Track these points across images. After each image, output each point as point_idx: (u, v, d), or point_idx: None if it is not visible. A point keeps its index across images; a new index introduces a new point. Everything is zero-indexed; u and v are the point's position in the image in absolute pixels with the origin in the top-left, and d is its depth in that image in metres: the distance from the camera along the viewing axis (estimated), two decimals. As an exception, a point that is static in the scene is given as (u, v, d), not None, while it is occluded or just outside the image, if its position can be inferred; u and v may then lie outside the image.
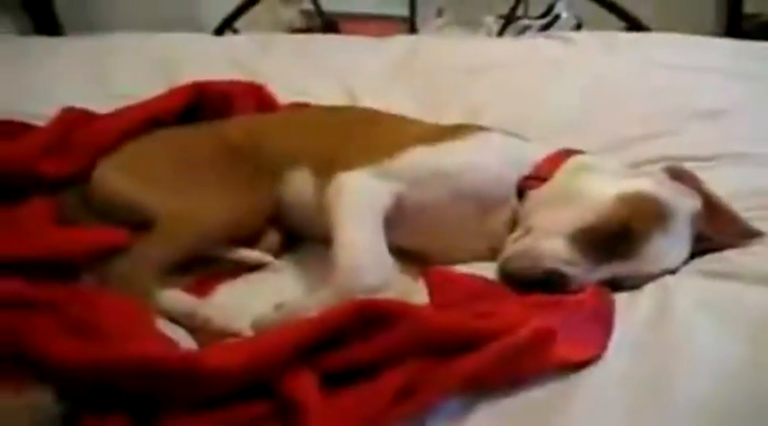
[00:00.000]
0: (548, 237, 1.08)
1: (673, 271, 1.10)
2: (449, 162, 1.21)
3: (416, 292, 1.11)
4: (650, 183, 1.15)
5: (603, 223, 1.08)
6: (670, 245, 1.11)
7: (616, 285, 1.07)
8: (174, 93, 1.55)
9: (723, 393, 0.83)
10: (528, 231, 1.12)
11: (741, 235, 1.16)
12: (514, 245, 1.10)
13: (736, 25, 3.32)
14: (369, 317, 0.88)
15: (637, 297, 1.03)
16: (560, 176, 1.20)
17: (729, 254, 1.14)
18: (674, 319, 0.94)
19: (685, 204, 1.14)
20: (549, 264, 1.05)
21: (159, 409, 0.82)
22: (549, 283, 1.03)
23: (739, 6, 3.29)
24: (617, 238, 1.07)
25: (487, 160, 1.23)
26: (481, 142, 1.26)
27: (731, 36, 3.16)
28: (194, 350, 0.97)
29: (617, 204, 1.09)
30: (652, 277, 1.08)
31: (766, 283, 1.01)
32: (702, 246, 1.16)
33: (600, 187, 1.13)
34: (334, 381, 0.86)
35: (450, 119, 1.59)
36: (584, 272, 1.06)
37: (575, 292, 1.03)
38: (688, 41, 2.03)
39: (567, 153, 1.26)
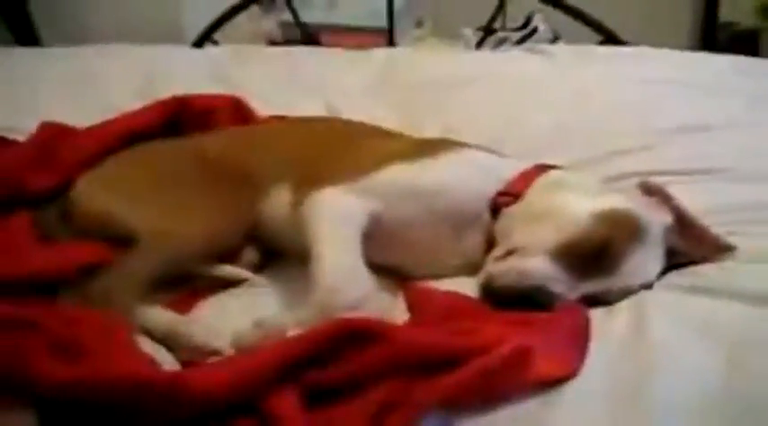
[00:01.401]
0: (530, 255, 1.10)
1: (648, 286, 1.12)
2: (424, 181, 1.23)
3: (395, 308, 1.12)
4: (623, 199, 1.17)
5: (583, 240, 1.10)
6: (646, 260, 1.13)
7: (596, 300, 1.09)
8: (154, 106, 1.55)
9: (699, 407, 0.85)
10: (509, 249, 1.13)
11: (713, 249, 1.19)
12: (498, 264, 1.12)
13: (711, 34, 3.37)
14: (350, 335, 0.89)
15: (612, 313, 1.05)
16: (534, 192, 1.22)
17: (702, 269, 1.16)
18: (650, 334, 0.96)
19: (658, 219, 1.16)
20: (535, 281, 1.06)
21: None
22: (534, 300, 1.05)
23: (714, 16, 3.34)
24: (597, 254, 1.09)
25: (462, 178, 1.24)
26: (457, 159, 1.27)
27: (706, 45, 3.22)
28: (178, 370, 0.97)
29: (594, 221, 1.11)
30: (630, 291, 1.10)
31: (739, 298, 1.03)
32: (674, 260, 1.18)
33: (575, 204, 1.15)
34: (316, 398, 0.87)
35: (429, 132, 1.60)
36: (568, 289, 1.08)
37: (551, 309, 1.04)
38: (665, 56, 2.06)
39: (541, 168, 1.28)
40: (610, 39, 2.29)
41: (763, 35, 3.30)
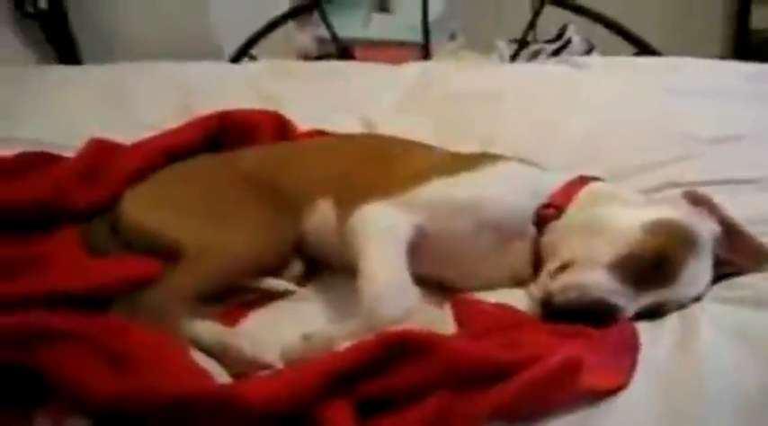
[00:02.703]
0: (587, 268, 1.10)
1: (699, 298, 1.12)
2: (468, 194, 1.24)
3: (441, 321, 1.13)
4: (673, 210, 1.17)
5: (639, 251, 1.10)
6: (699, 271, 1.14)
7: (652, 313, 1.09)
8: (197, 122, 1.58)
9: (747, 422, 0.85)
10: (563, 263, 1.13)
11: (759, 259, 1.19)
12: (556, 279, 1.12)
13: (744, 41, 3.35)
14: (400, 348, 0.90)
15: (660, 326, 1.05)
16: (579, 205, 1.22)
17: (749, 280, 1.16)
18: (699, 348, 0.96)
19: (707, 228, 1.16)
20: (596, 295, 1.06)
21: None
22: (596, 314, 1.05)
23: (746, 22, 3.32)
24: (654, 265, 1.09)
25: (505, 191, 1.25)
26: (499, 172, 1.28)
27: (738, 52, 3.20)
28: (231, 384, 0.98)
29: (647, 231, 1.12)
30: (685, 303, 1.10)
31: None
32: (721, 271, 1.18)
33: (626, 215, 1.16)
34: (367, 411, 0.88)
35: (465, 145, 1.61)
36: (627, 302, 1.08)
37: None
38: (698, 65, 2.05)
39: (583, 180, 1.28)
40: (643, 49, 2.28)
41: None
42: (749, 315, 1.04)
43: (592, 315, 1.05)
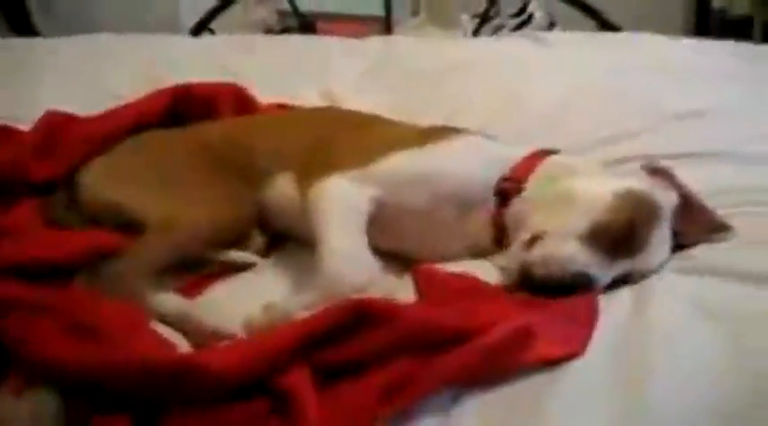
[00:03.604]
0: (560, 240, 1.11)
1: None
2: (427, 167, 1.25)
3: (401, 289, 1.14)
4: (636, 181, 1.19)
5: (611, 221, 1.12)
6: (664, 240, 1.16)
7: (621, 283, 1.11)
8: (157, 95, 1.57)
9: (702, 386, 0.86)
10: (536, 235, 1.14)
11: (713, 230, 1.21)
12: (531, 252, 1.12)
13: (705, 21, 3.38)
14: (358, 316, 0.91)
15: (613, 295, 1.07)
16: (539, 178, 1.24)
17: (701, 250, 1.18)
18: (652, 315, 0.98)
19: (666, 199, 1.19)
20: (576, 267, 1.08)
21: (160, 410, 0.85)
22: (575, 286, 1.06)
23: (707, 2, 3.35)
24: (625, 235, 1.11)
25: (466, 164, 1.26)
26: (459, 146, 1.30)
27: (700, 31, 3.23)
28: (191, 353, 0.99)
29: (617, 202, 1.14)
30: (651, 272, 1.13)
31: (740, 278, 1.05)
32: (674, 242, 1.20)
33: (594, 187, 1.18)
34: (326, 377, 0.89)
35: (427, 119, 1.62)
36: (602, 273, 1.10)
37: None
38: (661, 41, 2.07)
39: (542, 153, 1.30)
40: (605, 25, 2.31)
41: (756, 21, 3.32)
42: (703, 285, 1.06)
43: (571, 287, 1.06)
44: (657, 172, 1.23)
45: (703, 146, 1.52)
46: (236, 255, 1.30)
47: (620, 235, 1.11)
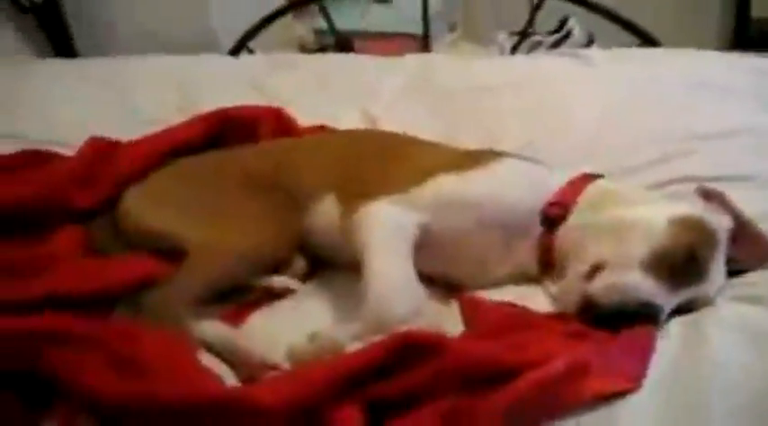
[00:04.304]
0: (623, 269, 1.09)
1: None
2: (473, 192, 1.23)
3: (448, 320, 1.13)
4: (690, 206, 1.17)
5: (671, 248, 1.10)
6: (721, 266, 1.14)
7: (683, 311, 1.08)
8: (197, 120, 1.57)
9: (758, 420, 0.85)
10: (596, 265, 1.12)
11: (766, 255, 1.19)
12: (594, 282, 1.10)
13: (744, 30, 3.34)
14: (408, 349, 0.90)
15: (667, 326, 1.04)
16: (585, 203, 1.22)
17: (755, 278, 1.16)
18: (707, 347, 0.96)
19: (721, 224, 1.17)
20: (641, 297, 1.06)
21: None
22: (641, 316, 1.04)
23: (746, 11, 3.31)
24: (685, 262, 1.09)
25: (511, 189, 1.25)
26: (504, 170, 1.28)
27: (739, 41, 3.19)
28: (241, 387, 0.98)
29: (675, 229, 1.12)
30: (711, 299, 1.10)
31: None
32: (728, 267, 1.17)
33: (649, 213, 1.15)
34: (375, 413, 0.87)
35: (466, 138, 1.60)
36: (666, 301, 1.07)
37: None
38: (702, 57, 2.04)
39: (587, 178, 1.28)
40: (645, 40, 2.27)
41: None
42: (758, 314, 1.04)
43: (636, 317, 1.03)
44: (710, 195, 1.21)
45: (746, 169, 1.49)
46: (277, 280, 1.29)
47: (682, 263, 1.09)
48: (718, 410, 0.85)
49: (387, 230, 1.18)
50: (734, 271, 1.18)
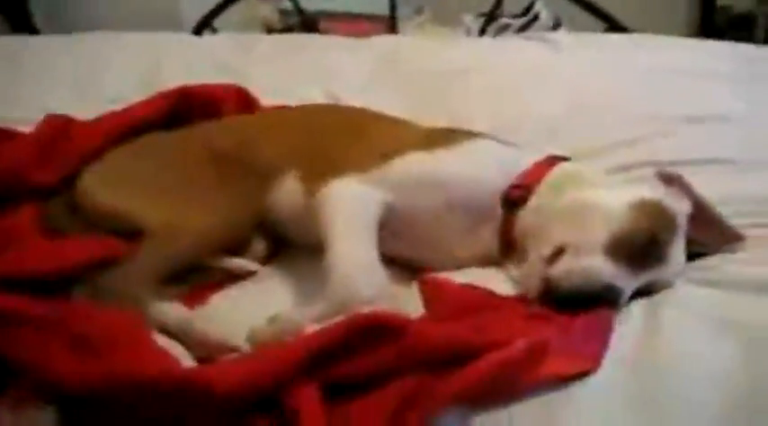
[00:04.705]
0: (586, 253, 1.09)
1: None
2: (440, 172, 1.22)
3: (409, 301, 1.11)
4: (650, 190, 1.17)
5: (632, 232, 1.10)
6: (681, 250, 1.14)
7: (642, 295, 1.09)
8: (158, 97, 1.54)
9: (717, 401, 0.85)
10: (558, 248, 1.12)
11: (726, 240, 1.20)
12: (556, 266, 1.10)
13: (709, 18, 3.38)
14: (368, 331, 0.89)
15: (628, 310, 1.04)
16: (548, 186, 1.22)
17: (714, 261, 1.17)
18: (665, 329, 0.96)
19: (681, 208, 1.17)
20: (604, 280, 1.05)
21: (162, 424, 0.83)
22: (602, 299, 1.04)
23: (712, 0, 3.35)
24: (646, 246, 1.09)
25: (478, 169, 1.24)
26: (471, 150, 1.27)
27: (705, 28, 3.23)
28: (196, 368, 0.96)
29: (635, 213, 1.11)
30: (670, 283, 1.11)
31: (753, 290, 1.04)
32: (687, 251, 1.18)
33: (610, 197, 1.15)
34: (334, 393, 0.87)
35: (432, 121, 1.59)
36: (627, 284, 1.07)
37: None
38: (667, 43, 2.05)
39: (552, 160, 1.28)
40: (612, 25, 2.28)
41: (759, 18, 3.32)
42: (717, 297, 1.04)
43: (597, 300, 1.03)
44: (671, 179, 1.21)
45: (712, 153, 1.49)
46: (237, 262, 1.27)
47: (642, 246, 1.09)
48: (677, 391, 0.86)
49: (351, 209, 1.16)
50: (693, 254, 1.18)
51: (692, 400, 0.85)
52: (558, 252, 1.11)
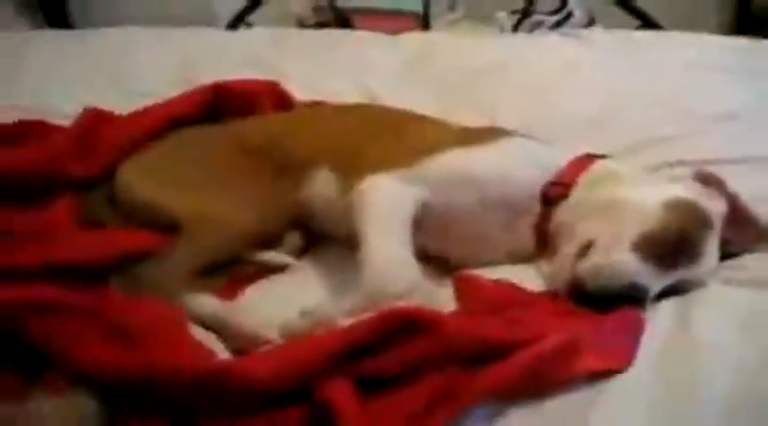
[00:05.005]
0: (612, 250, 1.08)
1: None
2: (476, 170, 1.22)
3: (442, 297, 1.13)
4: (685, 189, 1.17)
5: (662, 230, 1.09)
6: (713, 250, 1.14)
7: (672, 293, 1.08)
8: (194, 92, 1.56)
9: (746, 402, 0.85)
10: (584, 244, 1.12)
11: (760, 238, 1.20)
12: (583, 262, 1.10)
13: (745, 13, 3.34)
14: (401, 325, 0.90)
15: (657, 307, 1.05)
16: (587, 183, 1.21)
17: (747, 261, 1.17)
18: (696, 328, 0.96)
19: (716, 208, 1.17)
20: (629, 278, 1.05)
21: (197, 414, 0.85)
22: (629, 297, 1.03)
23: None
24: (676, 245, 1.09)
25: (513, 167, 1.24)
26: (507, 148, 1.27)
27: (741, 25, 3.18)
28: (232, 360, 0.98)
29: (667, 212, 1.11)
30: (702, 282, 1.10)
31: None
32: (720, 251, 1.17)
33: (643, 195, 1.15)
34: (367, 387, 0.88)
35: (465, 118, 1.60)
36: (655, 283, 1.07)
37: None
38: (703, 40, 2.04)
39: (589, 158, 1.27)
40: (646, 23, 2.27)
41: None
42: (751, 297, 1.04)
43: (623, 298, 1.03)
44: (707, 179, 1.20)
45: (747, 151, 1.49)
46: (271, 256, 1.28)
47: (672, 245, 1.09)
48: (708, 393, 0.86)
49: (387, 206, 1.17)
50: (727, 254, 1.18)
51: (721, 399, 0.85)
52: (587, 248, 1.11)
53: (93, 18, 2.52)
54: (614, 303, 1.02)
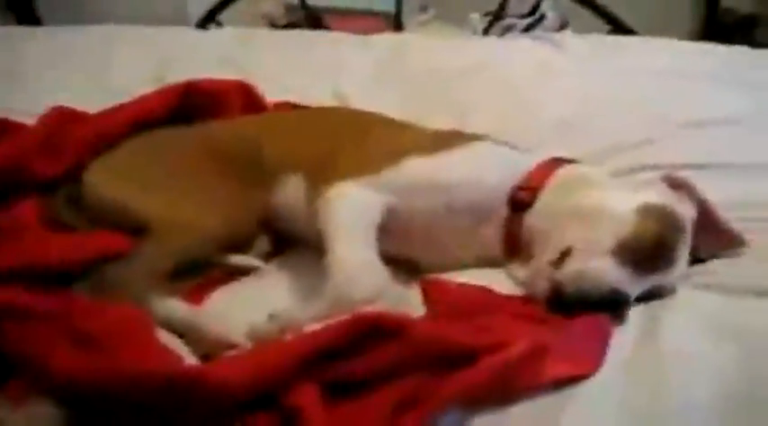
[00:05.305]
0: (591, 256, 1.08)
1: None
2: (443, 175, 1.22)
3: (409, 301, 1.12)
4: (658, 194, 1.17)
5: (639, 236, 1.09)
6: (686, 254, 1.14)
7: (647, 299, 1.08)
8: (163, 92, 1.54)
9: (715, 406, 0.85)
10: (565, 251, 1.11)
11: (728, 243, 1.21)
12: (561, 269, 1.09)
13: (714, 19, 3.38)
14: (368, 330, 0.89)
15: (629, 314, 1.04)
16: (555, 188, 1.21)
17: (716, 266, 1.17)
18: (664, 333, 0.96)
19: (687, 212, 1.17)
20: (610, 285, 1.05)
21: (163, 422, 0.84)
22: (609, 303, 1.03)
23: (716, 2, 3.35)
24: (653, 250, 1.09)
25: (480, 172, 1.24)
26: (474, 153, 1.27)
27: (709, 30, 3.23)
28: (196, 365, 0.97)
29: (642, 217, 1.11)
30: (674, 287, 1.11)
31: (754, 294, 1.05)
32: (689, 256, 1.18)
33: (617, 200, 1.15)
34: (334, 393, 0.87)
35: (436, 120, 1.60)
36: (633, 289, 1.07)
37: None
38: (672, 46, 2.05)
39: (557, 162, 1.28)
40: (617, 27, 2.28)
41: (761, 20, 3.33)
42: (717, 302, 1.05)
43: (604, 304, 1.03)
44: (678, 183, 1.21)
45: (717, 157, 1.50)
46: (240, 259, 1.27)
47: (650, 250, 1.09)
48: (677, 398, 0.86)
49: (352, 213, 1.17)
50: (695, 259, 1.18)
51: (690, 404, 0.85)
52: (565, 255, 1.11)
53: (62, 15, 2.50)
54: (594, 309, 1.02)
